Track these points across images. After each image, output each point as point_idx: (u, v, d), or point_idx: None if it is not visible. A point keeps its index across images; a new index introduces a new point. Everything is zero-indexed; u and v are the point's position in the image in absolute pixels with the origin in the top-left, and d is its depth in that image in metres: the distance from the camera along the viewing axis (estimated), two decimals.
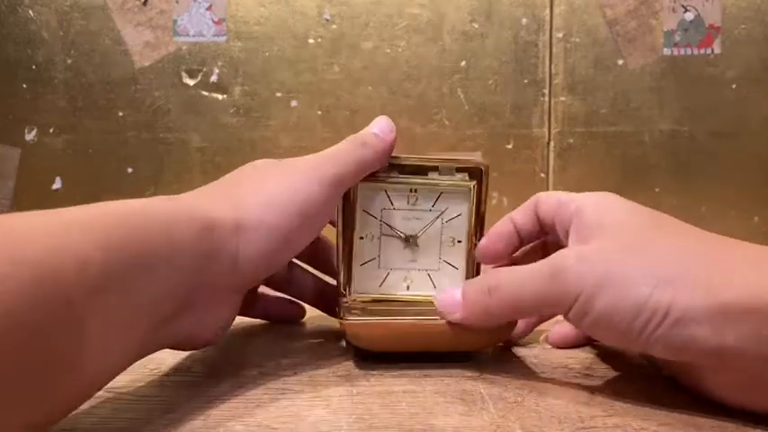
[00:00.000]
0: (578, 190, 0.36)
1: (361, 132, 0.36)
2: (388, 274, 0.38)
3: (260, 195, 0.32)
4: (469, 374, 0.32)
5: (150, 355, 0.34)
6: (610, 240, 0.29)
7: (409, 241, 0.38)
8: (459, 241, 0.38)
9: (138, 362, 0.33)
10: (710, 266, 0.27)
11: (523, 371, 0.33)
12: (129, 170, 0.68)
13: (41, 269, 0.21)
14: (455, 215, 0.38)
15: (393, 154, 0.37)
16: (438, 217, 0.38)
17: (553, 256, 0.30)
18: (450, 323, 0.33)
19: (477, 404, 0.28)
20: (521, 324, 0.36)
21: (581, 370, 0.33)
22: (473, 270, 0.38)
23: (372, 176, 0.37)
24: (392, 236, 0.38)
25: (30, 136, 0.68)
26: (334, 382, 0.31)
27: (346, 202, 0.37)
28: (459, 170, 0.38)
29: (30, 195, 0.68)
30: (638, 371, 0.33)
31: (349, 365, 0.34)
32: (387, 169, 0.37)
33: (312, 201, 0.33)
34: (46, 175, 0.68)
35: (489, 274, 0.32)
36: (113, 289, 0.24)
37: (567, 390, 0.30)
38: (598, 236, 0.30)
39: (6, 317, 0.20)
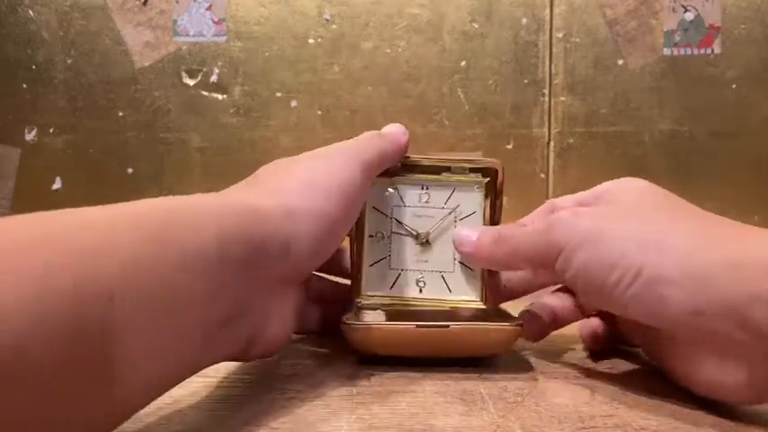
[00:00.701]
0: (578, 190, 0.36)
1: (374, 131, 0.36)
2: (400, 274, 0.37)
3: (303, 180, 0.31)
4: (469, 374, 0.32)
5: None
6: (607, 206, 0.32)
7: (421, 239, 0.37)
8: None
9: None
10: (691, 235, 0.27)
11: (523, 371, 0.33)
12: (130, 170, 0.68)
13: (84, 267, 0.19)
14: (469, 213, 0.37)
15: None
16: (451, 214, 0.37)
17: (559, 212, 0.32)
18: (453, 330, 0.32)
19: (477, 404, 0.28)
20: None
21: (581, 370, 0.33)
22: (488, 271, 0.37)
23: (383, 173, 0.36)
24: (403, 234, 0.37)
25: (30, 136, 0.68)
26: (334, 382, 0.31)
27: None
28: (472, 170, 0.37)
29: (30, 195, 0.68)
30: (638, 371, 0.33)
31: (349, 366, 0.34)
32: (398, 169, 0.37)
33: (353, 184, 0.32)
34: (46, 175, 0.68)
35: (502, 227, 0.34)
36: (161, 288, 0.22)
37: (567, 390, 0.30)
38: (605, 204, 0.32)
39: (45, 321, 0.18)
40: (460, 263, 0.37)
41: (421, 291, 0.37)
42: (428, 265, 0.37)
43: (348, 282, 0.38)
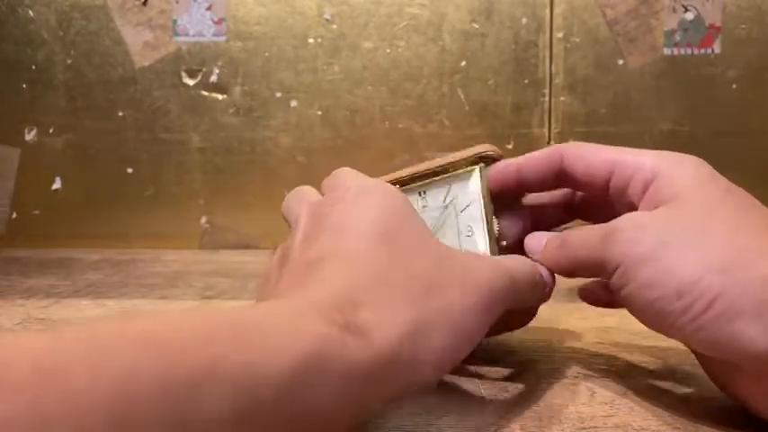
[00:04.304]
0: None
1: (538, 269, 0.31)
2: None
3: (443, 318, 0.23)
4: (470, 375, 0.32)
5: None
6: (671, 212, 0.26)
7: None
8: (475, 229, 0.35)
9: None
10: None
11: (524, 371, 0.33)
12: (129, 170, 0.68)
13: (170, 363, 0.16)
14: (467, 203, 0.35)
15: (393, 172, 0.36)
16: (447, 208, 0.36)
17: (617, 218, 0.27)
18: None
19: (477, 404, 0.28)
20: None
21: (581, 370, 0.33)
22: (497, 250, 0.34)
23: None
24: None
25: (30, 136, 0.68)
26: None
27: None
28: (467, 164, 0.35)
29: (30, 195, 0.68)
30: (638, 371, 0.33)
31: None
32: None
33: (479, 333, 0.25)
34: (46, 175, 0.68)
35: (571, 231, 0.30)
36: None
37: (567, 390, 0.30)
38: (664, 204, 0.27)
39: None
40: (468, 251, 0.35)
41: None
42: None
43: None
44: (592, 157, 0.30)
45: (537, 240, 0.32)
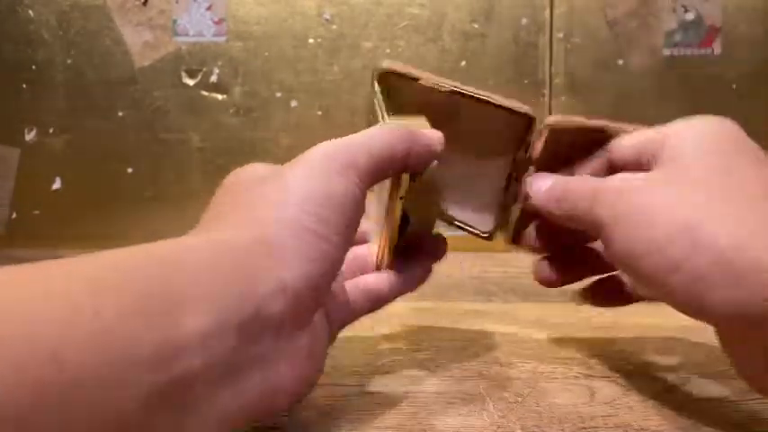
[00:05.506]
0: None
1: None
2: None
3: (281, 203, 0.26)
4: (469, 374, 0.32)
5: None
6: (667, 170, 0.27)
7: None
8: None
9: None
10: (735, 223, 0.23)
11: (523, 370, 0.33)
12: (129, 170, 0.67)
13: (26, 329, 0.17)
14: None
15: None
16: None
17: (609, 177, 0.28)
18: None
19: (477, 404, 0.28)
20: None
21: (581, 370, 0.33)
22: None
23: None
24: None
25: (29, 136, 0.68)
26: (333, 382, 0.31)
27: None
28: None
29: (29, 195, 0.68)
30: (638, 370, 0.33)
31: (349, 365, 0.34)
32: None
33: (346, 195, 0.27)
34: (46, 176, 0.68)
35: (567, 180, 0.31)
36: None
37: (567, 390, 0.30)
38: (660, 166, 0.27)
39: None
40: None
41: None
42: None
43: None
44: (631, 140, 0.32)
45: (538, 184, 0.32)
